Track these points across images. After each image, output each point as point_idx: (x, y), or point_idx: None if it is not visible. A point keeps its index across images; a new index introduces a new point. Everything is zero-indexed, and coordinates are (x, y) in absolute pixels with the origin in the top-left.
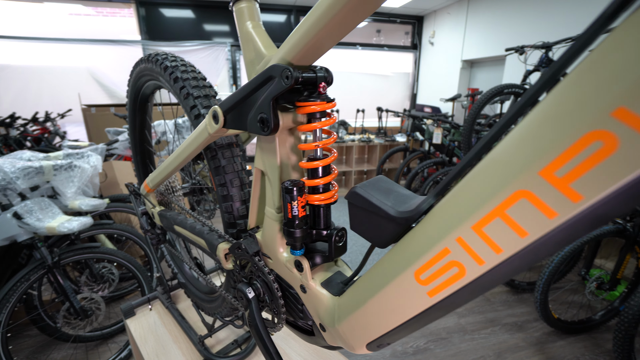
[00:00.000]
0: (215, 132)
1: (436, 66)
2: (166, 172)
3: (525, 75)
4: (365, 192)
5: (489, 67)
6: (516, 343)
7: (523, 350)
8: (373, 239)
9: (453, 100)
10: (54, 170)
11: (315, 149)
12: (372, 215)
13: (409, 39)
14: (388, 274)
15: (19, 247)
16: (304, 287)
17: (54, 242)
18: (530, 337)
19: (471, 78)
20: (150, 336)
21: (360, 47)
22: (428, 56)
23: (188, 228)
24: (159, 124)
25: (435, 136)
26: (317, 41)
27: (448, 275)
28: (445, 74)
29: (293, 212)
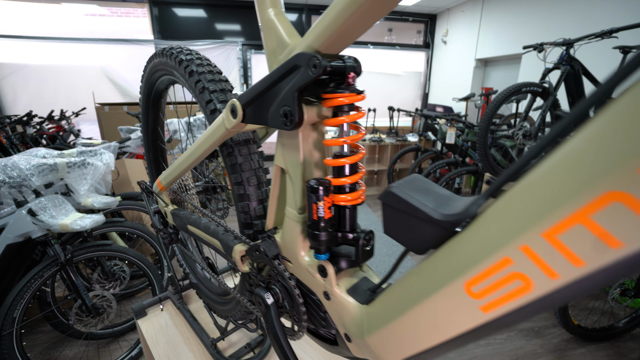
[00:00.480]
0: (233, 127)
1: (449, 65)
2: (180, 169)
3: (545, 73)
4: (402, 192)
5: (504, 66)
6: (534, 350)
7: (541, 358)
8: (409, 244)
9: (467, 99)
10: (68, 167)
11: (342, 145)
12: (411, 217)
13: (421, 38)
14: (430, 284)
15: (33, 243)
16: (328, 293)
17: (66, 240)
18: (549, 344)
19: (485, 77)
20: (162, 337)
21: (372, 46)
22: (441, 55)
23: (202, 228)
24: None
25: (448, 136)
26: (348, 27)
27: (509, 289)
28: (458, 73)
29: (319, 213)
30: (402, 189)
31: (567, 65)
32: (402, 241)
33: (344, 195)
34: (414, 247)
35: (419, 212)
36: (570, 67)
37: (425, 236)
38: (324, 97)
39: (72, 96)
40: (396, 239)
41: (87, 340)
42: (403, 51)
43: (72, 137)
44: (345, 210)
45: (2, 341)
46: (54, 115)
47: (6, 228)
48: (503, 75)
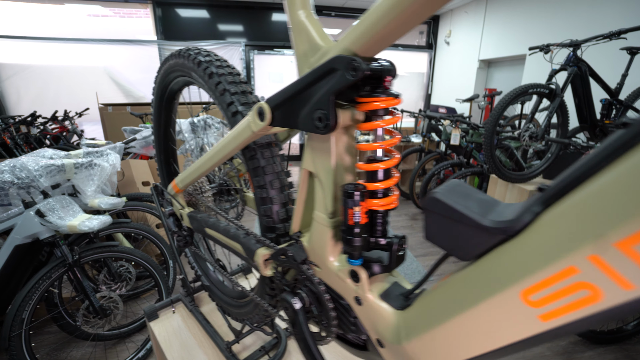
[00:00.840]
0: (260, 130)
1: (452, 66)
2: (199, 172)
3: (551, 74)
4: (448, 198)
5: (507, 67)
6: (541, 352)
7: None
8: (454, 250)
9: (470, 100)
10: (75, 168)
11: (376, 149)
12: (457, 224)
13: (423, 39)
14: (481, 291)
15: (40, 245)
16: (360, 299)
17: (73, 241)
18: (556, 346)
19: (488, 78)
20: (175, 340)
21: None
22: (443, 56)
23: (221, 231)
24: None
25: (453, 137)
26: (391, 30)
27: (573, 299)
28: (461, 74)
29: (355, 218)
30: (447, 195)
31: (574, 66)
32: (446, 247)
33: (376, 200)
34: (459, 253)
35: (467, 219)
36: (577, 68)
37: (472, 243)
38: (358, 100)
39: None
40: (439, 244)
41: (94, 341)
42: (406, 52)
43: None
44: (378, 215)
45: (12, 342)
46: (57, 115)
47: (14, 229)
48: (506, 77)
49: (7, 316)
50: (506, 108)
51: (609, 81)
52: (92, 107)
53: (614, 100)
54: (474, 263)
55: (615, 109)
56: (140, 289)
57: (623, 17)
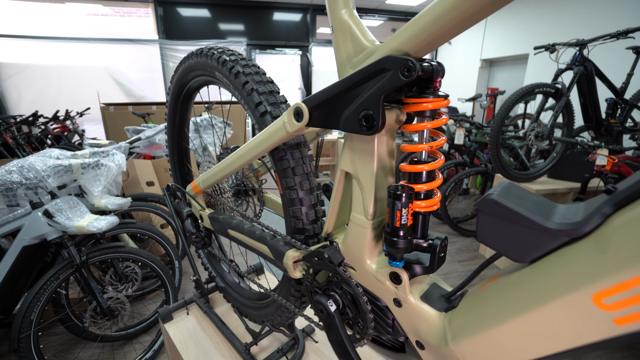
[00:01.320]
0: (296, 130)
1: (454, 66)
2: (224, 172)
3: (557, 74)
4: (506, 200)
5: (510, 66)
6: None
7: None
8: (509, 252)
9: (473, 100)
10: (82, 168)
11: (421, 151)
12: (516, 226)
13: None
14: (544, 293)
15: (47, 246)
16: (400, 301)
17: (80, 241)
18: None
19: (490, 78)
20: (191, 342)
21: None
22: (445, 55)
23: (246, 233)
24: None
25: (457, 137)
26: (447, 30)
27: None
28: (463, 74)
29: (402, 220)
30: (503, 197)
31: (580, 65)
32: (502, 249)
33: (421, 202)
34: (515, 254)
35: (529, 221)
36: (583, 67)
37: (533, 245)
38: (406, 101)
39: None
40: (493, 246)
41: (101, 342)
42: None
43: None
44: (420, 217)
45: (21, 344)
46: (59, 115)
47: (22, 230)
48: (509, 76)
49: (16, 318)
50: (512, 107)
51: (614, 80)
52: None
53: (619, 99)
54: (532, 265)
55: (620, 108)
56: (146, 290)
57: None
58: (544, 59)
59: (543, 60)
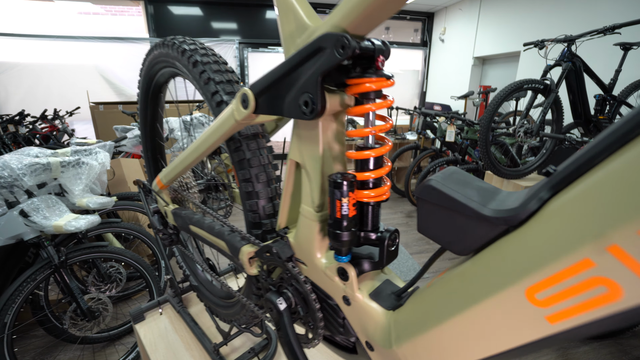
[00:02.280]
0: (244, 118)
1: (447, 63)
2: (182, 166)
3: (546, 70)
4: (444, 186)
5: (502, 64)
6: None
7: (545, 356)
8: (450, 244)
9: (465, 97)
10: (62, 167)
11: (367, 136)
12: (455, 214)
13: (418, 36)
14: (480, 289)
15: (25, 246)
16: (348, 298)
17: (60, 241)
18: None
19: (483, 75)
20: (161, 343)
21: None
22: (438, 53)
23: (206, 228)
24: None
25: (448, 134)
26: (382, 4)
27: (587, 297)
28: (456, 72)
29: (342, 211)
30: (443, 182)
31: (568, 62)
32: (441, 240)
33: (367, 191)
34: (455, 247)
35: (465, 208)
36: (571, 63)
37: (471, 235)
38: (348, 83)
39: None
40: (433, 238)
41: (82, 344)
42: (400, 49)
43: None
44: (368, 208)
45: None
46: (47, 114)
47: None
48: (501, 74)
49: None
50: (502, 103)
51: (602, 77)
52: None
53: (607, 95)
54: (472, 258)
55: (608, 104)
56: (131, 290)
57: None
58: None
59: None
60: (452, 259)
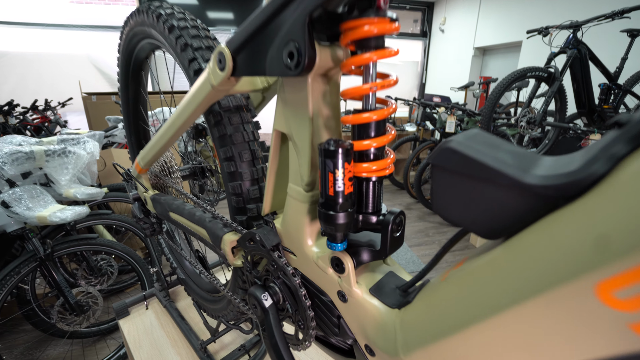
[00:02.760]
0: (221, 83)
1: (446, 54)
2: (159, 145)
3: (550, 58)
4: (468, 148)
5: (503, 54)
6: None
7: None
8: (477, 225)
9: (465, 88)
10: (47, 156)
11: (368, 93)
12: (483, 185)
13: (417, 27)
14: (521, 284)
15: (10, 238)
16: (344, 294)
17: (47, 233)
18: None
19: (483, 66)
20: (146, 339)
21: None
22: (438, 44)
23: (186, 215)
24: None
25: (448, 124)
26: None
27: None
28: (455, 62)
29: (337, 186)
30: (467, 143)
31: (574, 49)
32: (463, 220)
33: (367, 164)
34: (483, 228)
35: (499, 175)
36: (577, 51)
37: (506, 212)
38: (343, 29)
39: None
40: (453, 218)
41: (71, 339)
42: (399, 40)
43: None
44: (368, 185)
45: None
46: (37, 105)
47: None
48: (502, 64)
49: None
50: (504, 92)
51: (608, 65)
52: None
53: (612, 84)
54: (507, 242)
55: (613, 94)
56: (124, 284)
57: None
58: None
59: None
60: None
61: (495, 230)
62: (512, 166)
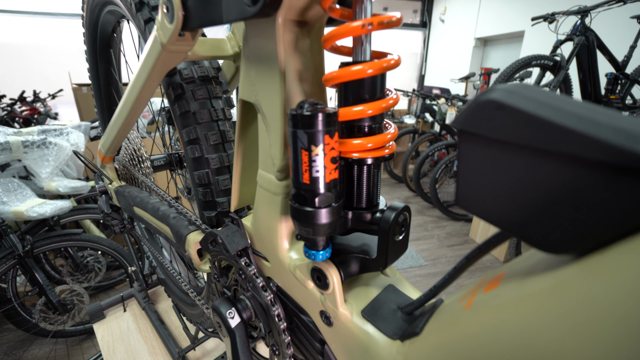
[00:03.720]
0: (172, 41)
1: (447, 45)
2: (117, 128)
3: (556, 45)
4: (526, 100)
5: (504, 45)
6: None
7: None
8: (534, 229)
9: (466, 79)
10: (25, 147)
11: (361, 36)
12: (554, 162)
13: (417, 17)
14: (623, 319)
15: None
16: (329, 316)
17: (29, 229)
18: None
19: (484, 57)
20: (121, 346)
21: None
22: (438, 34)
23: (149, 210)
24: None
25: (448, 116)
26: None
27: None
28: (456, 53)
29: (313, 170)
30: (521, 93)
31: (581, 36)
32: (510, 220)
33: (360, 140)
34: (546, 234)
35: (591, 144)
36: (585, 38)
37: (597, 208)
38: None
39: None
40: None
41: (55, 338)
42: (399, 30)
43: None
44: (361, 169)
45: None
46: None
47: None
48: (503, 55)
49: None
50: (509, 80)
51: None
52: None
53: (620, 74)
54: (587, 261)
55: (620, 84)
56: (113, 280)
57: None
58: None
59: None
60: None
61: (566, 241)
62: (612, 130)
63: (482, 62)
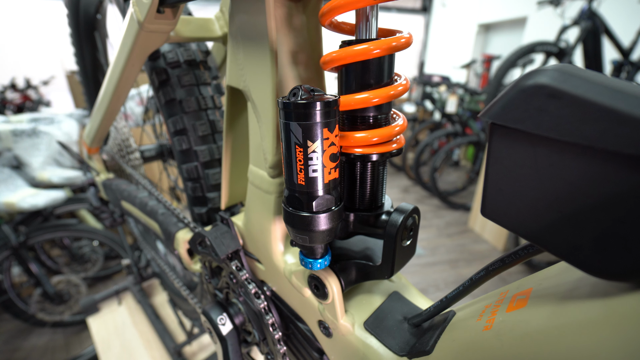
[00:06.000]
0: (149, 19)
1: (448, 31)
2: (99, 116)
3: (561, 30)
4: (582, 84)
5: (507, 31)
6: None
7: None
8: (585, 250)
9: (468, 66)
10: (14, 136)
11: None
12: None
13: (418, 1)
14: None
15: None
16: (328, 327)
17: (23, 220)
18: None
19: (486, 44)
20: (116, 341)
21: None
22: (440, 20)
23: (137, 205)
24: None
25: (449, 104)
26: None
27: None
28: (457, 40)
29: (310, 169)
30: (575, 74)
31: (588, 20)
32: (553, 238)
33: (364, 132)
34: (598, 256)
35: None
36: (591, 23)
37: None
38: None
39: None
40: (528, 230)
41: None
42: (399, 15)
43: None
44: (365, 167)
45: None
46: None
47: None
48: (505, 41)
49: None
50: (511, 67)
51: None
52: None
53: (626, 61)
54: None
55: (625, 71)
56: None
57: None
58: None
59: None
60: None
61: (634, 270)
62: None
63: (484, 49)
